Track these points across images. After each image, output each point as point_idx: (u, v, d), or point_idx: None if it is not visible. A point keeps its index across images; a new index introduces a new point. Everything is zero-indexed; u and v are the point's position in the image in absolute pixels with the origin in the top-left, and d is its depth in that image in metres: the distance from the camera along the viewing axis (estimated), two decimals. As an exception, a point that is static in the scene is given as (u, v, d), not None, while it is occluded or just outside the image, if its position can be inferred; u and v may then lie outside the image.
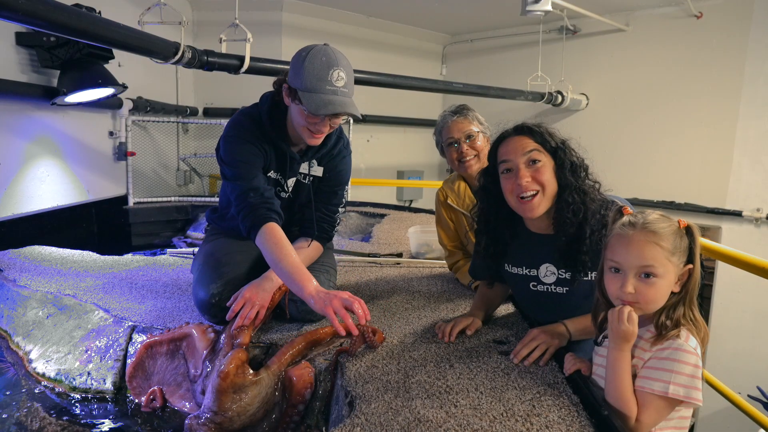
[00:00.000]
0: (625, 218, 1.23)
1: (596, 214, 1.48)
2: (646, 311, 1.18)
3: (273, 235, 1.68)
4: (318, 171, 1.96)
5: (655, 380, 1.13)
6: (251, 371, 1.45)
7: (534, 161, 1.50)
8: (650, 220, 1.18)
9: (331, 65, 1.66)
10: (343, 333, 1.48)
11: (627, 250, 1.17)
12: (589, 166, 1.56)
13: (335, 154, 1.96)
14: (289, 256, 1.63)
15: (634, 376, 1.17)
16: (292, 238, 1.97)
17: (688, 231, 1.18)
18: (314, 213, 1.96)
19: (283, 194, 1.97)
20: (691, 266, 1.17)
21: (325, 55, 1.67)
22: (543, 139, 1.51)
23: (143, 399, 1.64)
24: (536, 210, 1.50)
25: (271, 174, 1.91)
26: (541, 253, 1.60)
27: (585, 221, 1.48)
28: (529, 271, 1.63)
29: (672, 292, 1.18)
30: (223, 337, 1.63)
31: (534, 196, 1.49)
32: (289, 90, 1.72)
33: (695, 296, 1.19)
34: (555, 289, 1.59)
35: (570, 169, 1.51)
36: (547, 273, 1.60)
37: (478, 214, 1.72)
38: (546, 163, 1.50)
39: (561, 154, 1.51)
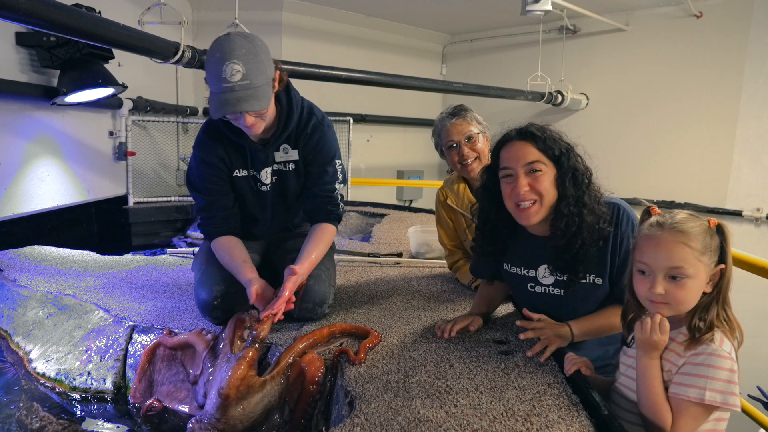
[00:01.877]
0: (653, 218, 1.20)
1: (593, 227, 1.46)
2: (677, 312, 1.16)
3: (220, 242, 1.87)
4: (294, 154, 1.89)
5: (690, 387, 1.10)
6: (256, 378, 1.44)
7: (534, 170, 1.47)
8: (678, 219, 1.16)
9: (223, 59, 1.54)
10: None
11: (655, 251, 1.15)
12: (593, 174, 1.52)
13: (309, 132, 1.86)
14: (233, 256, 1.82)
15: (667, 383, 1.15)
16: (292, 232, 1.95)
17: (719, 230, 1.16)
18: (311, 200, 1.91)
19: (263, 188, 1.93)
20: (723, 266, 1.15)
21: (219, 50, 1.57)
22: (546, 146, 1.47)
23: (144, 406, 1.64)
24: (532, 219, 1.49)
25: (238, 173, 1.89)
26: (539, 255, 1.60)
27: (578, 232, 1.46)
28: (528, 272, 1.63)
29: (704, 293, 1.15)
30: (223, 336, 1.63)
31: (531, 205, 1.47)
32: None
33: (728, 296, 1.17)
34: (553, 290, 1.59)
35: (571, 178, 1.48)
36: (545, 274, 1.59)
37: (478, 213, 1.71)
38: (546, 172, 1.47)
39: (564, 162, 1.48)
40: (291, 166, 1.91)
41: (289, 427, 1.46)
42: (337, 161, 1.93)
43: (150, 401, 1.63)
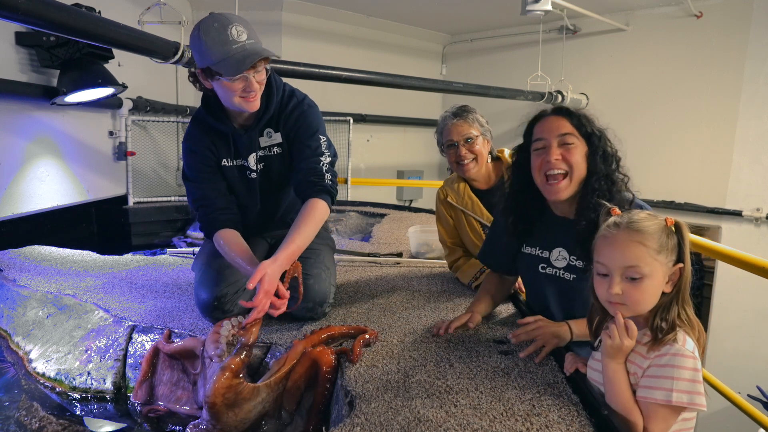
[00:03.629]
0: (611, 219, 1.21)
1: (622, 206, 1.46)
2: (635, 313, 1.16)
3: (223, 237, 1.82)
4: (277, 137, 1.89)
5: (656, 389, 1.10)
6: (246, 385, 1.41)
7: (567, 143, 1.50)
8: (635, 219, 1.16)
9: (226, 26, 1.63)
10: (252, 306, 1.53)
11: (611, 251, 1.15)
12: (621, 159, 1.55)
13: (289, 112, 1.87)
14: (236, 252, 1.76)
15: (634, 386, 1.15)
16: (287, 217, 1.92)
17: (677, 228, 1.16)
18: (295, 175, 1.87)
19: (252, 175, 1.92)
20: (681, 265, 1.14)
21: (216, 21, 1.64)
22: (580, 122, 1.52)
23: (145, 408, 1.64)
24: (561, 193, 1.51)
25: (226, 162, 1.89)
26: (557, 237, 1.61)
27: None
28: (542, 253, 1.65)
29: (663, 292, 1.15)
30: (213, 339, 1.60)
31: (562, 177, 1.50)
32: (204, 73, 1.70)
33: (687, 295, 1.17)
34: (563, 274, 1.60)
35: (602, 156, 1.51)
36: (559, 257, 1.61)
37: (508, 190, 1.72)
38: (578, 147, 1.51)
39: (595, 140, 1.51)
40: (276, 150, 1.91)
41: (306, 420, 1.46)
42: (321, 137, 1.89)
43: (151, 407, 1.63)
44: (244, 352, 1.47)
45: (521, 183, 1.64)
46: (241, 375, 1.43)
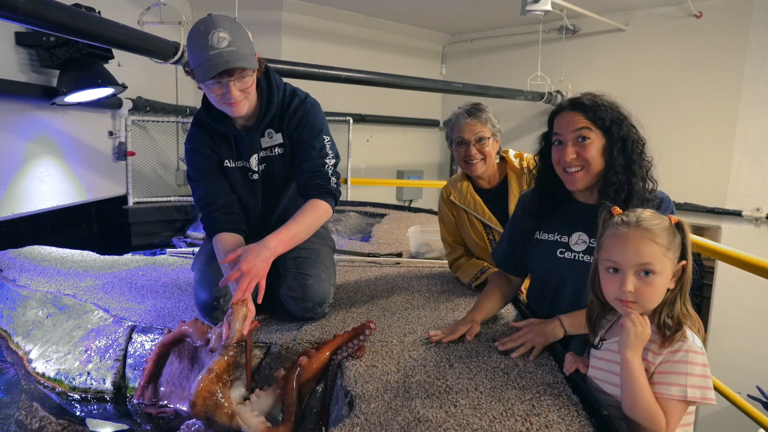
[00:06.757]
0: (617, 217, 1.22)
1: (642, 196, 1.48)
2: (644, 310, 1.17)
3: (220, 240, 1.84)
4: (278, 138, 1.88)
5: (672, 385, 1.12)
6: (226, 405, 1.37)
7: (583, 138, 1.51)
8: (643, 217, 1.18)
9: (208, 30, 1.61)
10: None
11: (624, 249, 1.16)
12: (646, 143, 1.55)
13: (291, 113, 1.86)
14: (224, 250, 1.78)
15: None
16: (285, 216, 1.93)
17: (679, 227, 1.18)
18: (300, 177, 1.86)
19: (254, 176, 1.92)
20: (684, 262, 1.17)
21: (204, 24, 1.64)
22: (596, 115, 1.51)
23: (154, 410, 1.63)
24: (577, 184, 1.53)
25: (228, 164, 1.90)
26: (578, 221, 1.61)
27: (628, 200, 1.47)
28: (561, 238, 1.65)
29: (668, 289, 1.18)
30: (212, 332, 1.59)
31: (578, 170, 1.51)
32: (190, 75, 1.71)
33: (688, 291, 1.20)
34: (582, 257, 1.59)
35: (621, 147, 1.51)
36: (579, 241, 1.61)
37: (536, 174, 1.73)
38: (594, 141, 1.51)
39: (614, 131, 1.51)
40: (277, 150, 1.91)
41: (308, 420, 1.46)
42: (324, 137, 1.87)
43: (162, 408, 1.63)
44: (231, 352, 1.45)
45: (546, 168, 1.65)
46: (229, 375, 1.42)
